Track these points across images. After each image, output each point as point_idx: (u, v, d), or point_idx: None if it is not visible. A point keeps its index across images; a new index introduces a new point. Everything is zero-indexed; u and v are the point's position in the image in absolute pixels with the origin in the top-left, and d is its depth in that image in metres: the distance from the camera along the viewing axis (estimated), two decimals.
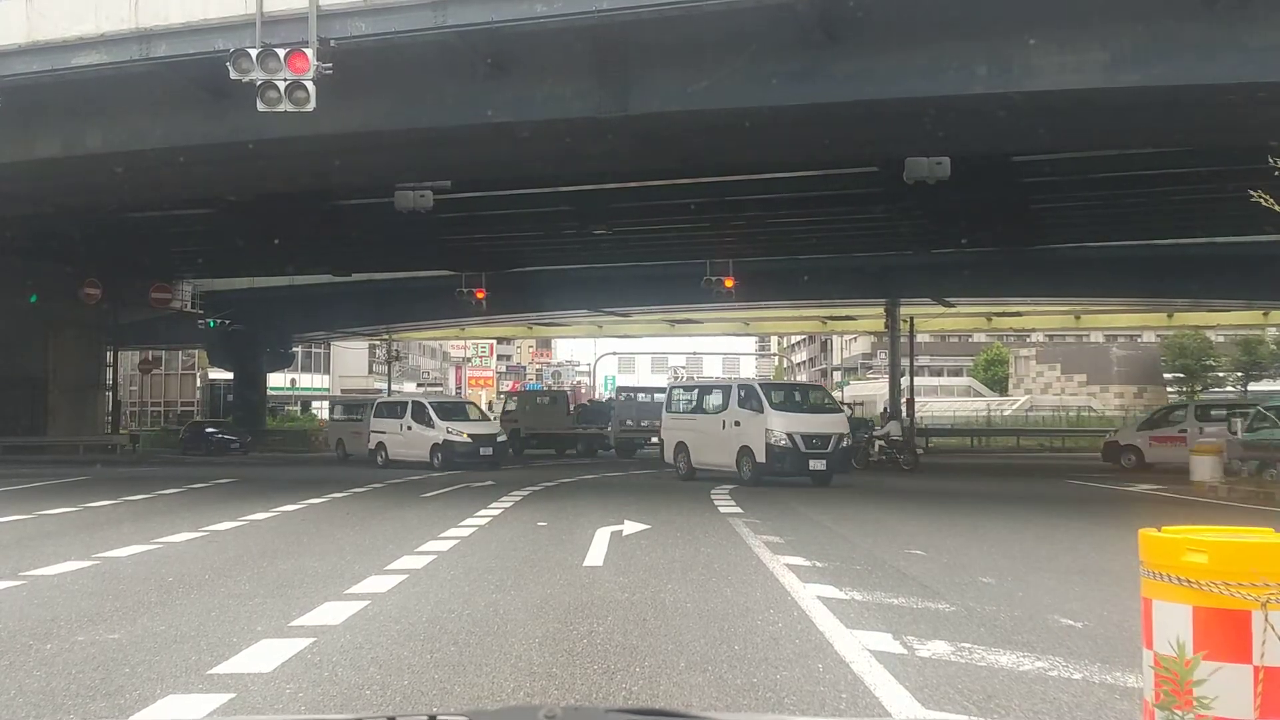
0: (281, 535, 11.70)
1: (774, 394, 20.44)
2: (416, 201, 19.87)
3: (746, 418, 19.48)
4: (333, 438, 34.22)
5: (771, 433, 18.85)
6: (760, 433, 18.97)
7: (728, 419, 20.07)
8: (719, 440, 20.16)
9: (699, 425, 21.12)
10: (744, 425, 19.46)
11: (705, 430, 20.78)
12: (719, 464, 20.11)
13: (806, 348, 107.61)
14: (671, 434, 22.23)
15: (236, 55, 12.47)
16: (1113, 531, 12.29)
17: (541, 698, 4.97)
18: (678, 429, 21.99)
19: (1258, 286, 30.89)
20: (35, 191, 19.92)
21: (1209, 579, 3.32)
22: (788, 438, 18.77)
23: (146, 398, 60.35)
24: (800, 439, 18.84)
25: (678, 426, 22.06)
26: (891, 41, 13.34)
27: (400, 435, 26.46)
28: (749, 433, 19.27)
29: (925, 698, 4.92)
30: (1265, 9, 11.99)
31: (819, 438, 19.07)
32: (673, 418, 22.63)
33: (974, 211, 23.70)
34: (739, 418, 19.71)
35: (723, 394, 21.14)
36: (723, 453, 20.00)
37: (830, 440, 19.15)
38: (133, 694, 4.99)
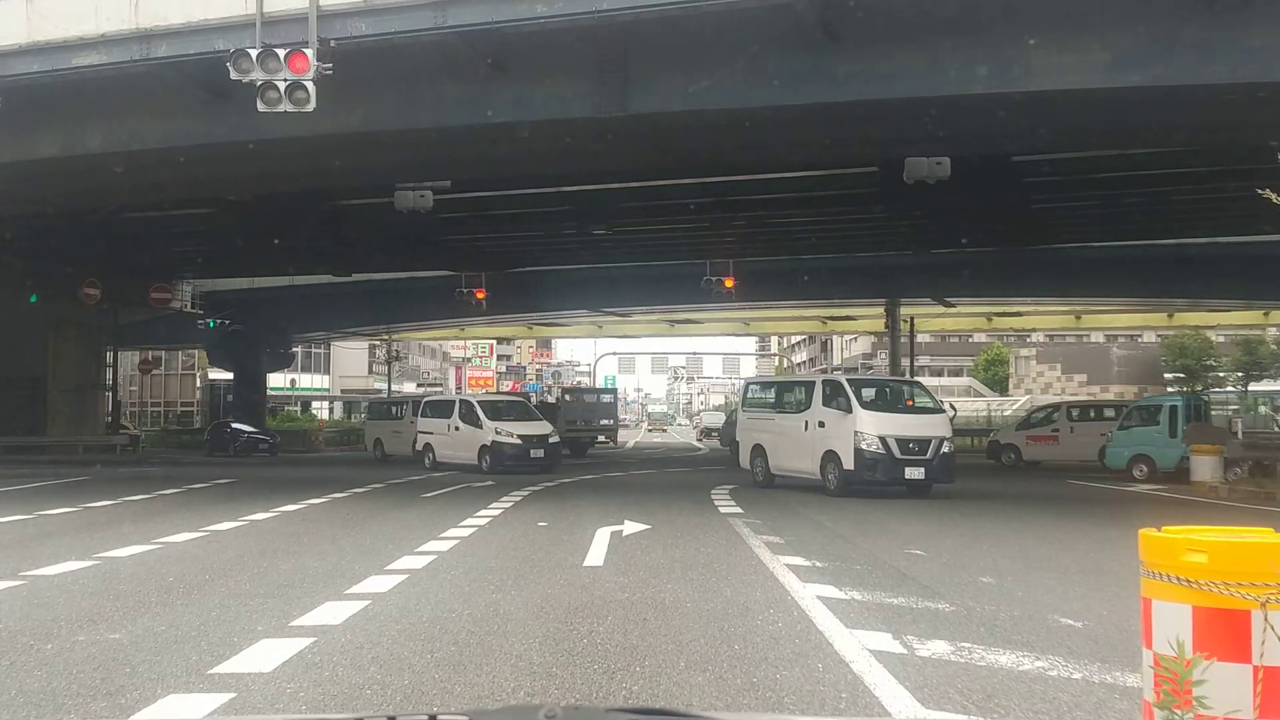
0: (282, 535, 11.70)
1: (864, 391, 18.03)
2: (416, 201, 19.87)
3: (832, 418, 17.30)
4: (370, 438, 33.28)
5: (861, 435, 16.63)
6: (848, 435, 16.78)
7: (810, 419, 17.87)
8: (800, 444, 18.02)
9: (777, 426, 19.06)
10: (829, 427, 17.29)
11: (784, 432, 18.69)
12: (800, 470, 18.11)
13: (806, 348, 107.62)
14: (747, 435, 20.12)
15: (237, 55, 12.47)
16: (1112, 531, 12.29)
17: (542, 697, 4.98)
18: (754, 430, 19.91)
19: (1258, 286, 30.91)
20: (35, 191, 19.93)
21: (1209, 579, 3.32)
22: (880, 442, 16.55)
23: (146, 398, 60.34)
24: (895, 443, 16.59)
25: (754, 427, 20.00)
26: (892, 41, 13.34)
27: (448, 436, 25.05)
28: (835, 435, 17.08)
29: (925, 697, 4.92)
30: (1265, 9, 11.99)
31: (917, 442, 16.79)
32: (749, 417, 20.62)
33: (974, 211, 23.70)
34: (823, 418, 17.51)
35: (805, 391, 18.97)
36: (804, 458, 17.88)
37: (930, 445, 16.85)
38: (133, 694, 4.99)
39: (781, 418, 19.15)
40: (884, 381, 21.78)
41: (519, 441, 23.56)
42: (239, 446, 35.93)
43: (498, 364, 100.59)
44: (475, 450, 23.80)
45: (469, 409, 24.76)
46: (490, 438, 23.55)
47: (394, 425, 30.84)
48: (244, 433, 37.36)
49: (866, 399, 17.59)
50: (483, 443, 23.65)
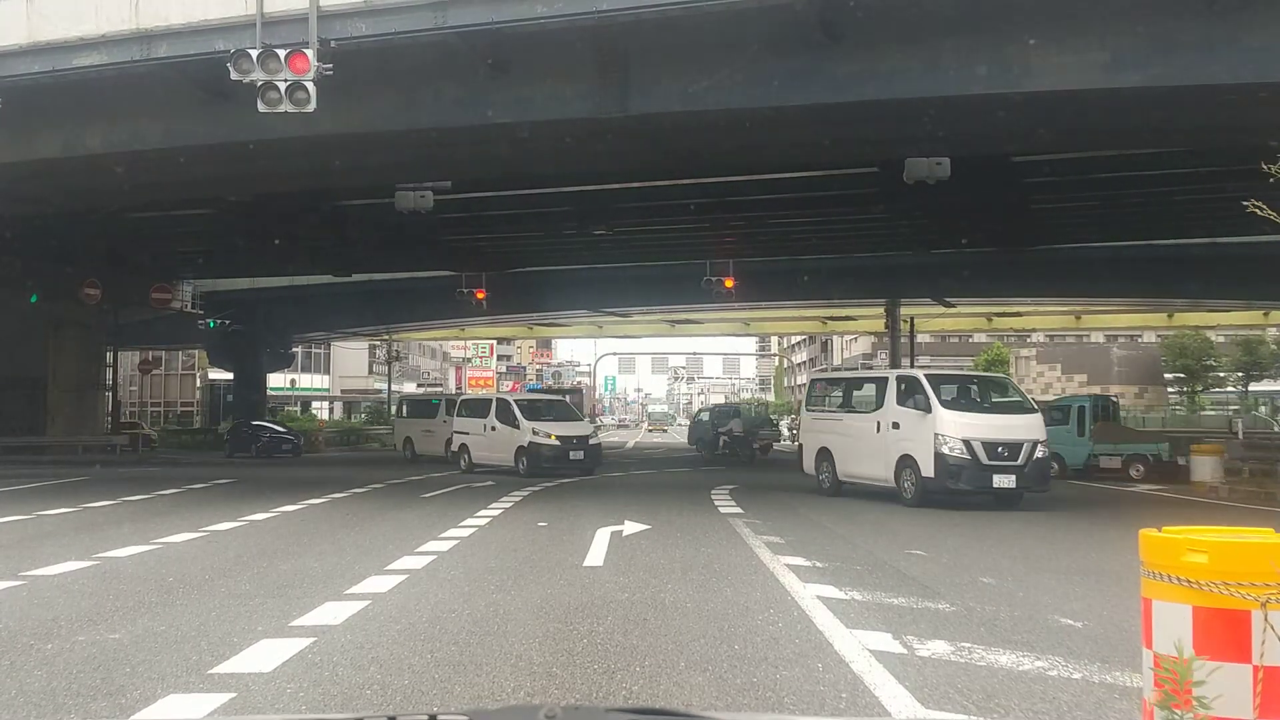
0: (281, 535, 11.70)
1: (944, 387, 16.11)
2: (416, 201, 19.87)
3: (909, 419, 15.61)
4: (399, 436, 32.24)
5: (942, 438, 14.95)
6: (927, 438, 15.10)
7: (883, 420, 16.18)
8: (872, 447, 16.27)
9: (846, 427, 17.30)
10: (905, 428, 15.63)
11: (854, 434, 16.92)
12: (871, 477, 16.39)
13: (807, 348, 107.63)
14: (812, 437, 18.21)
15: (237, 56, 12.47)
16: (1113, 531, 12.30)
17: (542, 697, 4.98)
18: (820, 431, 18.06)
19: (1258, 286, 30.90)
20: (35, 191, 19.92)
21: (1209, 579, 3.33)
22: (964, 445, 14.89)
23: (146, 398, 60.35)
24: (981, 447, 14.90)
25: (820, 428, 18.14)
26: (892, 41, 13.34)
27: (484, 436, 23.83)
28: (912, 438, 15.43)
29: (925, 697, 4.92)
30: (1265, 9, 11.99)
31: (1006, 445, 15.00)
32: (814, 416, 18.66)
33: (974, 211, 23.70)
34: (898, 418, 15.82)
35: (877, 388, 17.11)
36: (876, 462, 16.15)
37: (1021, 448, 15.11)
38: (133, 694, 4.99)
39: (850, 418, 17.43)
40: (967, 377, 19.30)
41: (556, 442, 22.43)
42: (261, 447, 34.68)
43: (498, 364, 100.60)
44: (512, 451, 22.68)
45: (505, 408, 23.65)
46: (527, 438, 22.40)
47: (426, 424, 29.90)
48: (266, 433, 36.32)
49: (947, 397, 15.77)
50: (519, 444, 22.50)
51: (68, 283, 30.45)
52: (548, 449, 22.23)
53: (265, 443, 34.94)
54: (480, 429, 24.02)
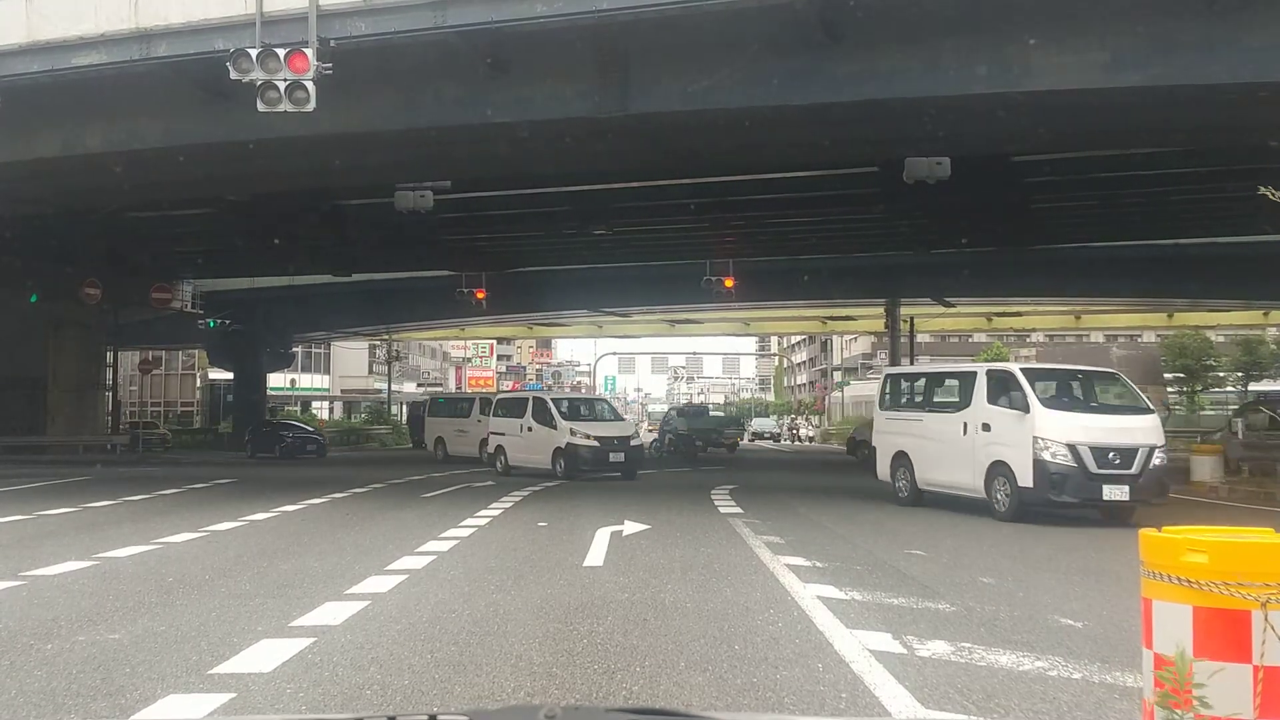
0: (282, 535, 11.70)
1: (1043, 384, 14.28)
2: (416, 201, 19.88)
3: (1002, 420, 13.71)
4: (430, 435, 31.15)
5: (1043, 442, 13.00)
6: (1023, 442, 13.19)
7: (970, 420, 14.23)
8: (957, 452, 14.41)
9: (927, 429, 15.34)
10: (997, 430, 13.71)
11: (936, 436, 15.02)
12: (957, 485, 14.52)
13: (806, 348, 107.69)
14: (887, 440, 16.35)
15: (236, 55, 12.47)
16: (1112, 531, 12.30)
17: (542, 697, 4.98)
18: (896, 433, 16.18)
19: (1258, 286, 30.92)
20: (35, 191, 19.93)
21: (1209, 579, 3.32)
22: (1069, 451, 12.90)
23: (146, 398, 60.39)
24: (1089, 453, 12.91)
25: (895, 430, 16.24)
26: (892, 41, 13.34)
27: (520, 437, 22.70)
28: (1005, 441, 13.53)
29: (925, 697, 4.92)
30: (1265, 9, 11.99)
31: (1119, 451, 12.98)
32: (888, 416, 16.70)
33: (974, 211, 23.70)
34: (988, 418, 13.91)
35: (963, 383, 15.06)
36: (962, 469, 14.28)
37: (1136, 455, 13.12)
38: (133, 694, 4.99)
39: (932, 418, 15.39)
40: (1070, 371, 16.79)
41: (596, 444, 21.26)
42: (285, 448, 33.70)
43: (498, 364, 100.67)
44: (549, 453, 21.61)
45: (542, 407, 22.51)
46: (565, 439, 21.31)
47: (459, 424, 28.86)
48: (290, 432, 35.50)
49: (1047, 394, 13.99)
50: (556, 445, 21.44)
51: (68, 283, 30.46)
52: (586, 451, 21.15)
53: (290, 443, 34.07)
54: (516, 429, 22.91)
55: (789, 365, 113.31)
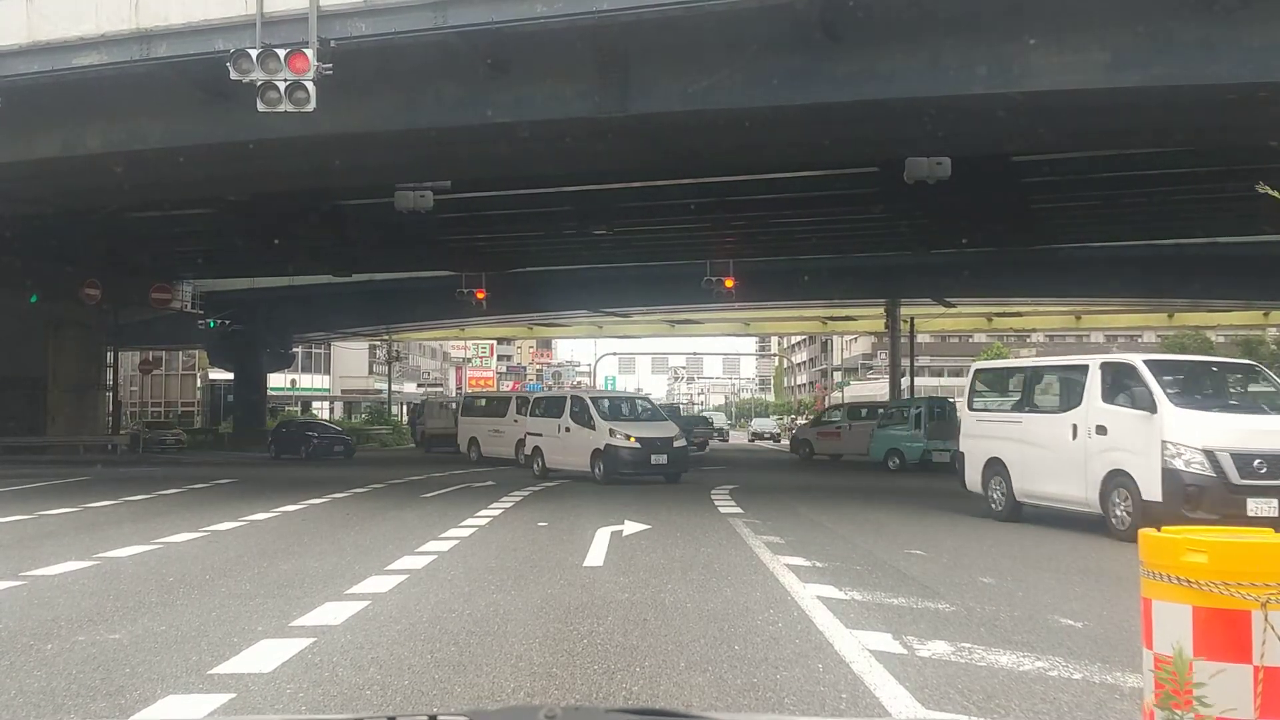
0: (282, 535, 11.70)
1: (1170, 378, 11.86)
2: (416, 201, 19.88)
3: (1121, 421, 11.61)
4: (463, 436, 29.80)
5: (1174, 449, 10.87)
6: (1149, 448, 11.08)
7: (1081, 422, 12.08)
8: (1065, 459, 12.25)
9: (1027, 432, 13.17)
10: (1115, 434, 11.59)
11: (1038, 440, 12.88)
12: (1065, 497, 12.42)
13: (807, 348, 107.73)
14: (978, 444, 14.16)
15: (237, 56, 12.47)
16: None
17: (542, 698, 4.98)
18: (988, 437, 13.99)
19: (1258, 286, 30.93)
20: (35, 191, 19.93)
21: (1209, 579, 3.32)
22: (1205, 458, 10.73)
23: (146, 398, 60.41)
24: (1230, 460, 10.71)
25: (987, 433, 14.06)
26: (891, 41, 13.35)
27: (558, 438, 21.71)
28: (1126, 447, 11.44)
29: (925, 698, 4.92)
30: (1265, 9, 11.99)
31: (1268, 459, 10.72)
32: (979, 417, 14.49)
33: (974, 211, 23.70)
34: (1104, 419, 11.77)
35: (1071, 378, 13.01)
36: (1071, 479, 12.12)
37: None
38: (133, 694, 4.99)
39: (1033, 419, 13.25)
40: (1203, 364, 14.33)
41: (637, 445, 20.13)
42: (311, 450, 32.82)
43: (498, 364, 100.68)
44: (587, 455, 20.60)
45: (581, 407, 21.42)
46: (604, 440, 20.26)
47: (495, 423, 27.71)
48: (316, 433, 34.71)
49: (1177, 390, 11.65)
50: (596, 446, 20.40)
51: (68, 283, 30.48)
52: (627, 453, 20.04)
53: (317, 444, 33.30)
54: (554, 430, 21.89)
55: (789, 365, 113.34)
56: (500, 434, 26.81)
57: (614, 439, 20.18)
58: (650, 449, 20.13)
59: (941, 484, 21.59)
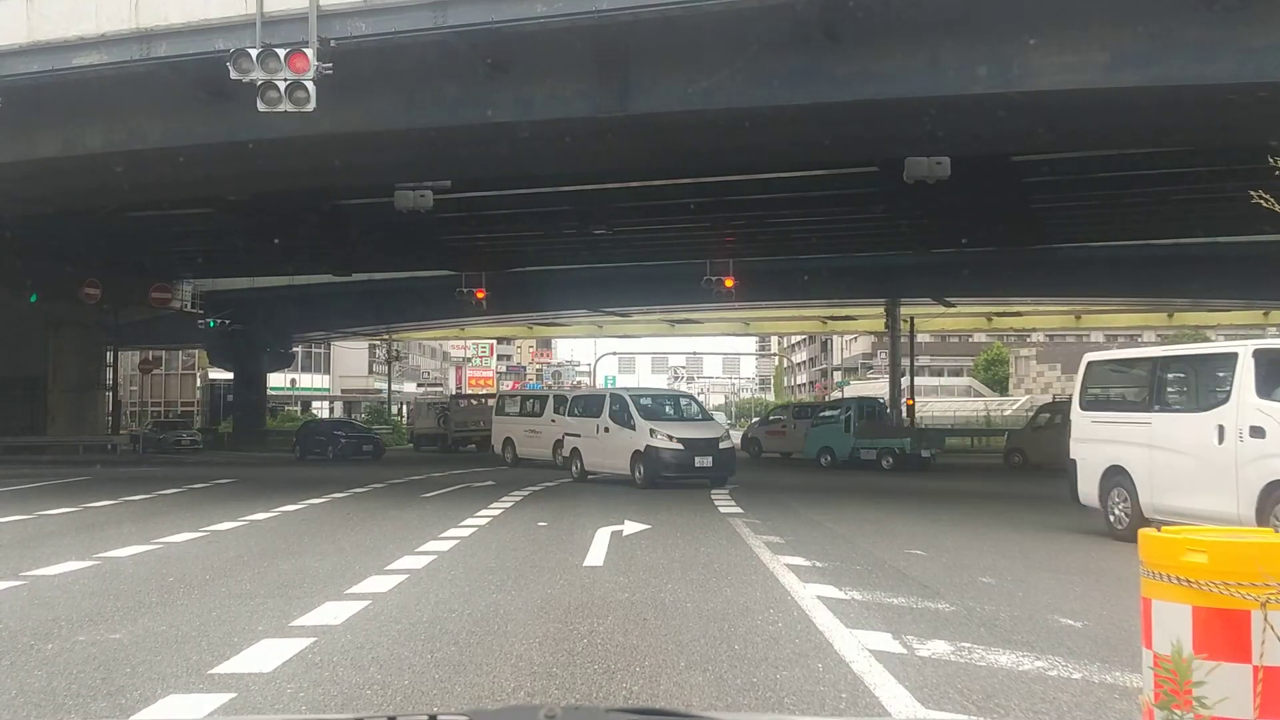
0: (282, 535, 11.70)
1: None
2: (416, 201, 19.89)
3: None
4: (498, 437, 28.14)
5: None
6: None
7: (1230, 422, 9.89)
8: (1209, 466, 10.14)
9: (1158, 435, 10.98)
10: (1275, 436, 9.38)
11: (1173, 445, 10.74)
12: (1210, 512, 9.78)
13: (806, 348, 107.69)
14: (1095, 450, 11.96)
15: (237, 55, 12.47)
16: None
17: (542, 697, 4.98)
18: (1107, 440, 11.80)
19: (1258, 286, 30.90)
20: (35, 191, 19.93)
21: (1209, 579, 3.33)
22: None
23: (146, 398, 60.39)
24: None
25: (1106, 436, 11.86)
26: (892, 41, 13.34)
27: (596, 439, 20.46)
28: None
29: (925, 697, 4.92)
30: (1265, 9, 11.99)
31: None
32: (1095, 418, 12.21)
33: (974, 211, 23.71)
34: (1260, 419, 9.55)
35: (1213, 371, 10.91)
36: (1218, 491, 9.91)
37: None
38: (134, 694, 4.99)
39: (1165, 420, 11.06)
40: None
41: (679, 446, 18.66)
42: (339, 450, 31.67)
43: (498, 364, 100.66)
44: (627, 456, 19.27)
45: (620, 406, 20.11)
46: (644, 441, 18.85)
47: (531, 423, 26.35)
48: (344, 433, 33.46)
49: None
50: (635, 448, 19.02)
51: (68, 283, 30.48)
52: (669, 454, 18.61)
53: (344, 444, 32.16)
54: (593, 430, 20.64)
55: (789, 365, 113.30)
56: (537, 434, 25.61)
57: (655, 440, 18.74)
58: (694, 450, 18.67)
59: (939, 484, 21.60)
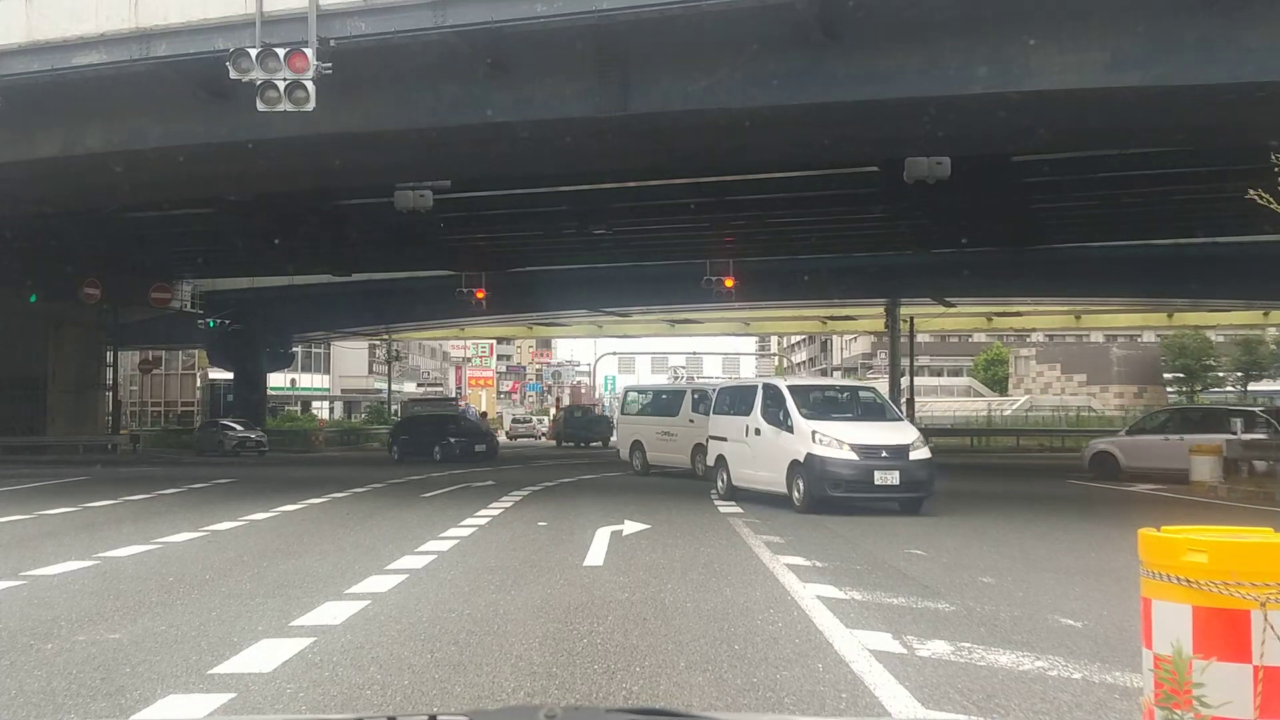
0: (282, 535, 11.70)
1: None
2: (416, 201, 19.89)
3: None
4: (624, 440, 23.91)
5: None
6: None
7: None
8: None
9: None
10: None
11: None
12: None
13: (806, 348, 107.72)
14: None
15: (236, 55, 12.47)
16: (1113, 531, 12.28)
17: (542, 697, 4.98)
18: None
19: (1258, 286, 30.94)
20: (35, 191, 19.93)
21: (1209, 579, 3.32)
22: None
23: (146, 398, 60.38)
24: None
25: None
26: (892, 41, 13.35)
27: (745, 444, 15.67)
28: None
29: (925, 697, 4.92)
30: (1265, 9, 12.00)
31: None
32: None
33: (974, 211, 23.73)
34: None
35: None
36: None
37: None
38: (133, 694, 4.99)
39: None
40: None
41: (853, 456, 13.75)
42: (449, 450, 28.17)
43: (498, 364, 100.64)
44: (782, 468, 14.45)
45: (774, 400, 15.15)
46: (805, 448, 13.96)
47: (664, 424, 22.14)
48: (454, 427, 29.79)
49: None
50: (794, 456, 14.16)
51: (68, 283, 30.48)
52: (839, 466, 13.72)
53: (455, 443, 28.70)
54: (740, 432, 15.89)
55: (789, 365, 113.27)
56: (671, 438, 21.61)
57: (819, 446, 13.88)
58: (874, 462, 13.76)
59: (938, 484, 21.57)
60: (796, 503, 14.09)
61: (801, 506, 13.90)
